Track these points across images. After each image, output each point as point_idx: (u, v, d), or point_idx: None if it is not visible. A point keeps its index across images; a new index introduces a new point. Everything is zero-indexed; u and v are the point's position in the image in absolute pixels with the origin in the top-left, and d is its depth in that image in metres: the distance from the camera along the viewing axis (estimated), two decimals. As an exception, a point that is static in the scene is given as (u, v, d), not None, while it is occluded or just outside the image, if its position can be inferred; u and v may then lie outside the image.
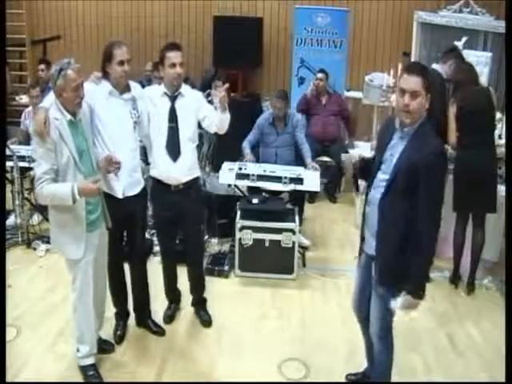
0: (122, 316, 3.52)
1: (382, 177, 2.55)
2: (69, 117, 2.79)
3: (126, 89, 3.15)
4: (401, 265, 2.49)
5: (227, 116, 3.35)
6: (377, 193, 2.56)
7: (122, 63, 3.04)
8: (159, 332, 3.55)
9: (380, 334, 2.77)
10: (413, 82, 2.39)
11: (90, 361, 3.08)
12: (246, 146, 5.05)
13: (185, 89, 3.38)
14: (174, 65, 3.24)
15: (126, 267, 3.46)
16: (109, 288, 3.37)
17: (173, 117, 3.33)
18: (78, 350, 3.07)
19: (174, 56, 3.24)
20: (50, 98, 2.81)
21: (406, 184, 2.42)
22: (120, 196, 3.17)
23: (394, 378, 2.98)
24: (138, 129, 3.24)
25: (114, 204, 3.12)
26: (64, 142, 2.76)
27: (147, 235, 4.27)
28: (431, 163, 2.36)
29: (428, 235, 2.43)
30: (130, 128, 3.17)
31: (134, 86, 3.23)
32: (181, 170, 3.37)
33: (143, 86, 3.52)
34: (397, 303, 2.56)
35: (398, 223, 2.47)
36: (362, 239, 2.76)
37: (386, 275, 2.58)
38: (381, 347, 2.81)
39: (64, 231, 2.86)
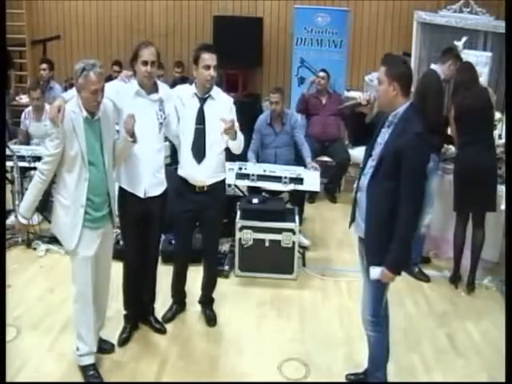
0: (131, 319, 3.48)
1: (371, 163, 2.68)
2: (85, 114, 2.81)
3: (154, 89, 3.16)
4: (386, 246, 2.56)
5: (238, 142, 3.36)
6: (366, 179, 2.68)
7: (145, 63, 3.06)
8: (161, 330, 3.53)
9: (371, 318, 2.79)
10: (380, 71, 2.63)
11: (90, 360, 3.07)
12: (251, 157, 5.00)
13: (216, 92, 3.36)
14: (208, 67, 3.23)
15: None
16: (123, 288, 3.39)
17: (201, 119, 3.31)
18: (77, 349, 3.07)
19: (208, 58, 3.23)
20: (74, 91, 2.83)
21: (390, 167, 2.53)
22: (142, 195, 3.18)
23: (393, 378, 2.99)
24: (164, 130, 3.24)
25: (135, 203, 3.15)
26: (76, 135, 2.78)
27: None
28: (409, 145, 2.47)
29: (405, 214, 2.51)
30: (155, 129, 3.17)
31: (162, 86, 3.23)
32: (205, 172, 3.36)
33: None
34: (375, 272, 2.62)
35: (383, 205, 2.57)
36: (352, 221, 2.88)
37: (374, 255, 2.63)
38: (371, 333, 2.83)
39: (63, 218, 2.90)
